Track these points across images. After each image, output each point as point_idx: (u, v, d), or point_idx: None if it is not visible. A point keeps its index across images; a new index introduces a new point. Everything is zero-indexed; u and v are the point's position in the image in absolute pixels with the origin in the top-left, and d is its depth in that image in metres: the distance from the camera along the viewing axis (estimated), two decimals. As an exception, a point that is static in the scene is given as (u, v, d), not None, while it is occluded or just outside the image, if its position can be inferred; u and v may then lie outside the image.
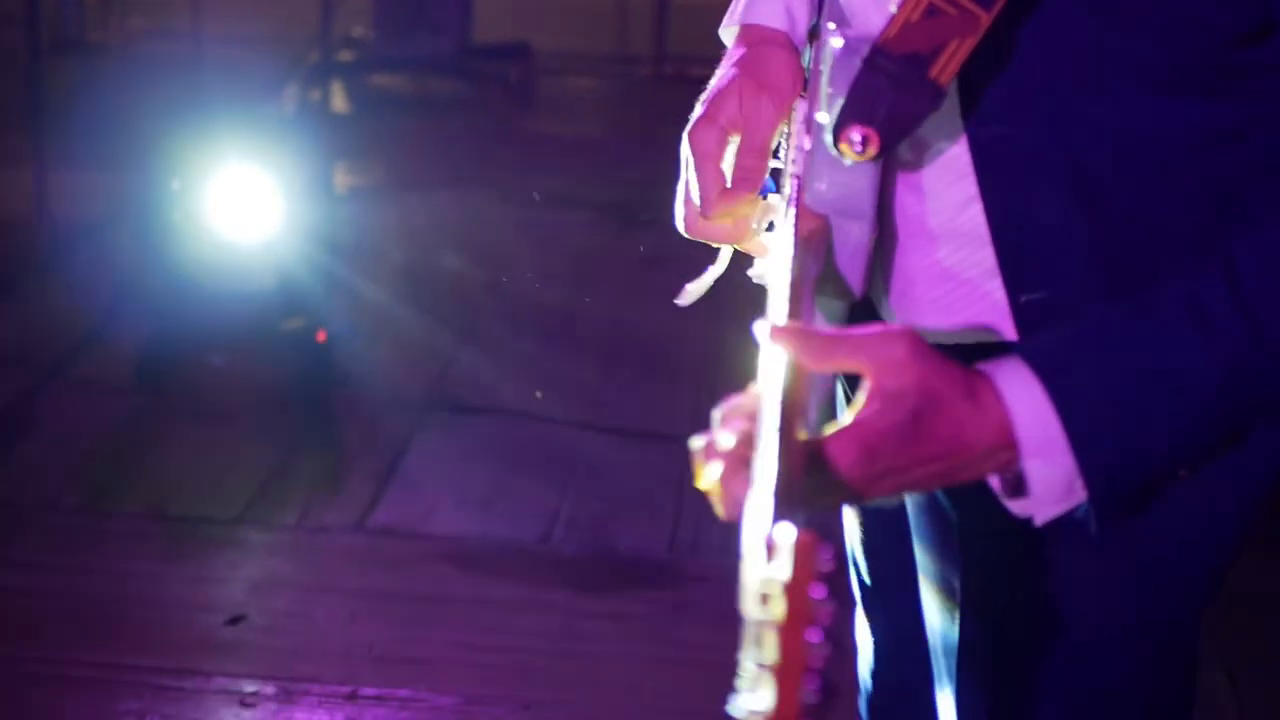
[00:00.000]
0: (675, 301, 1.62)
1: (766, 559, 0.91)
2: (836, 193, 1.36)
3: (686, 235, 1.55)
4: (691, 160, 1.49)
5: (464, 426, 4.12)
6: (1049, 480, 1.15)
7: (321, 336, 4.20)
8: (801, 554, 0.88)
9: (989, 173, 1.35)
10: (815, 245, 1.34)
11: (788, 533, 0.89)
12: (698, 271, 1.60)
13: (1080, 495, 1.16)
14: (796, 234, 1.30)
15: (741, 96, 1.49)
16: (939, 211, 1.39)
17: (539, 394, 4.20)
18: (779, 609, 0.87)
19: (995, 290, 1.37)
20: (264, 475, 3.81)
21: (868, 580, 1.70)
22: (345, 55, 7.22)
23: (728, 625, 3.29)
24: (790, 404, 1.05)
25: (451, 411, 4.19)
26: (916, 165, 1.39)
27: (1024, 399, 1.15)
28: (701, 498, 3.61)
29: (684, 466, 3.97)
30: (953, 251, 1.40)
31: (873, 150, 1.29)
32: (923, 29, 1.28)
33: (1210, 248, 1.21)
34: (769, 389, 1.09)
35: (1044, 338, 1.20)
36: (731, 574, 3.20)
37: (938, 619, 1.52)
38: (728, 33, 1.58)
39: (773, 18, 1.55)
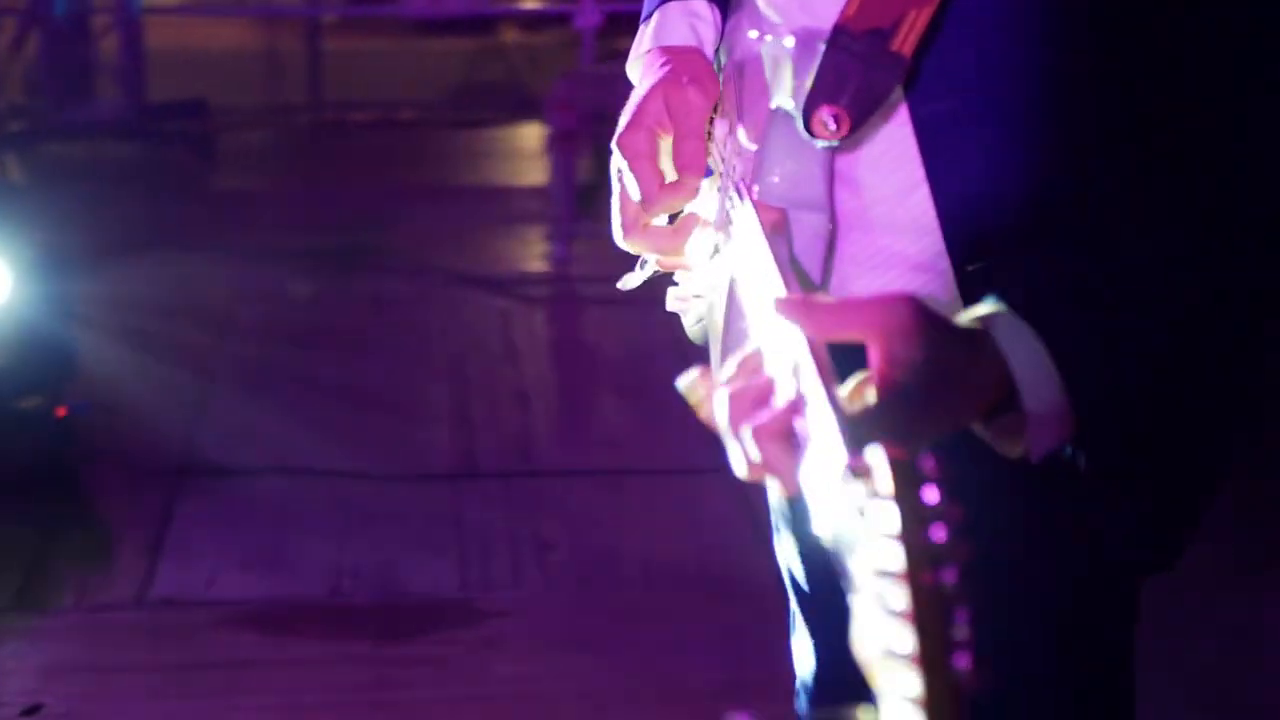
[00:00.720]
0: (617, 285, 1.64)
1: (860, 479, 0.91)
2: (789, 184, 1.38)
3: (623, 245, 1.55)
4: (625, 164, 1.50)
5: (224, 489, 4.01)
6: (1042, 414, 1.19)
7: (61, 412, 4.04)
8: (898, 464, 0.88)
9: (934, 152, 1.38)
10: (781, 233, 1.37)
11: (877, 452, 0.90)
12: (425, 309, 1.61)
13: (1069, 429, 1.21)
14: (762, 225, 1.32)
15: (666, 95, 1.51)
16: (879, 201, 1.41)
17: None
18: (889, 526, 0.86)
19: (937, 277, 1.40)
20: (28, 560, 3.65)
21: (806, 588, 1.71)
22: (15, 125, 6.97)
23: (538, 655, 3.31)
24: (823, 366, 1.07)
25: (208, 475, 4.07)
26: (854, 154, 1.41)
27: (1022, 352, 1.18)
28: (484, 532, 3.62)
29: (460, 503, 3.98)
30: (894, 240, 1.43)
31: (845, 128, 1.32)
32: (880, 3, 1.31)
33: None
34: (784, 351, 1.10)
35: (1026, 287, 1.23)
36: (529, 604, 3.22)
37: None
38: (635, 64, 1.60)
39: (682, 39, 1.58)
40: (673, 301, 1.67)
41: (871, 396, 1.10)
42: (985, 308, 1.20)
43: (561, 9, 8.11)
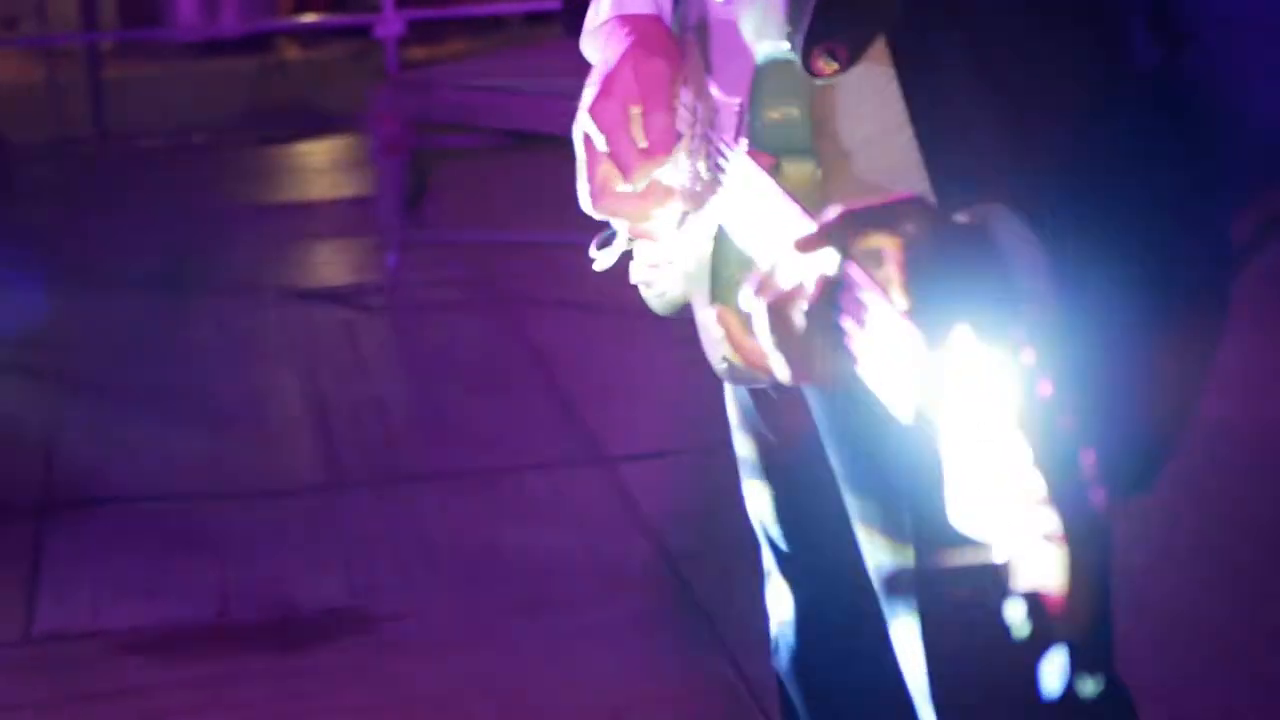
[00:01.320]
0: (593, 266, 1.69)
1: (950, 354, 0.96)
2: (778, 132, 1.42)
3: (594, 213, 1.60)
4: (598, 136, 1.54)
5: (93, 518, 3.95)
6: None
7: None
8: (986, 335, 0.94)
9: (917, 93, 1.40)
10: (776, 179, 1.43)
11: (964, 331, 0.96)
12: (266, 326, 1.65)
13: None
14: (763, 167, 1.37)
15: (635, 67, 1.55)
16: (863, 145, 1.44)
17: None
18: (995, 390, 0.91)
19: None
20: (-98, 609, 3.57)
21: (784, 546, 1.76)
22: None
23: (437, 655, 3.32)
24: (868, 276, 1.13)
25: (75, 506, 4.01)
26: (835, 100, 1.44)
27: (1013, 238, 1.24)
28: (365, 540, 3.63)
29: (336, 514, 3.97)
30: (879, 182, 1.44)
31: (843, 62, 1.37)
32: None
33: None
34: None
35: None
36: (422, 606, 3.24)
37: (886, 558, 1.58)
38: (593, 36, 1.64)
39: (642, 8, 1.62)
40: (638, 272, 1.71)
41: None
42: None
43: (358, 20, 8.09)
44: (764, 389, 1.64)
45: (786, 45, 1.39)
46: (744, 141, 1.43)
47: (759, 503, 1.76)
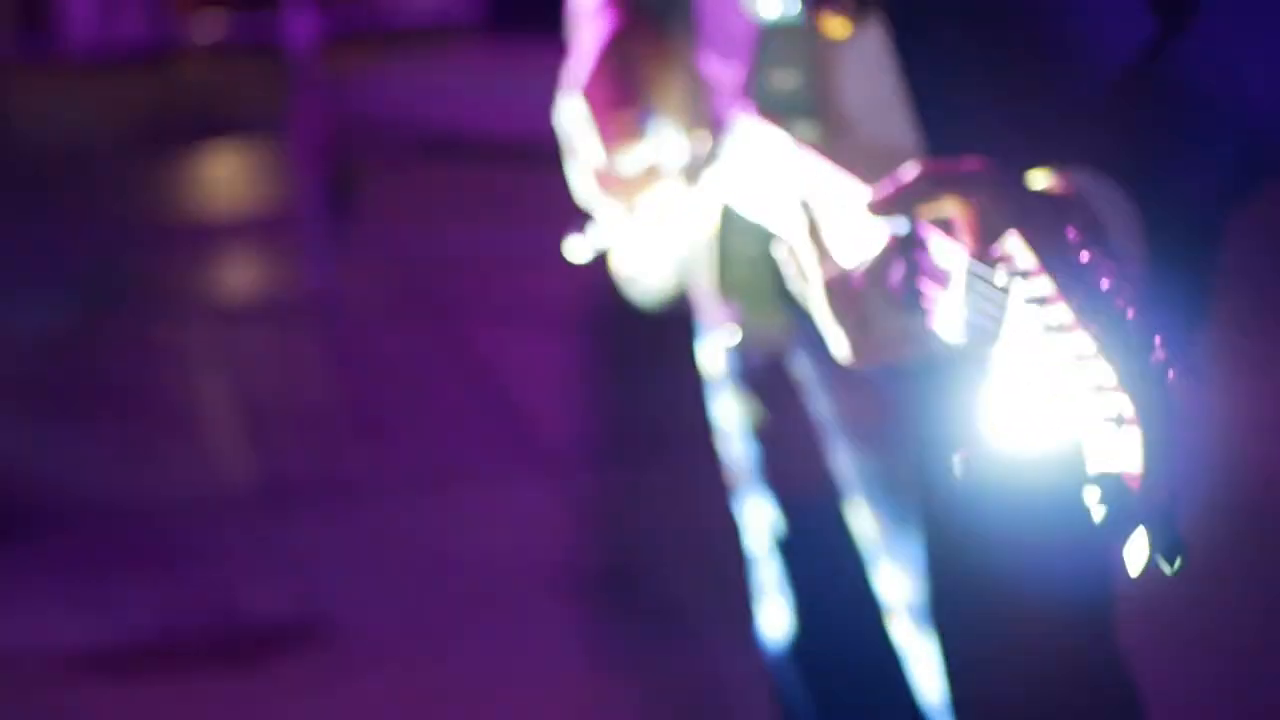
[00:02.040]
0: (572, 260, 1.69)
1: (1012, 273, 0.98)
2: (784, 95, 1.43)
3: (597, 194, 1.60)
4: (590, 114, 1.56)
5: (30, 535, 3.89)
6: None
7: None
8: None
9: (911, 52, 1.39)
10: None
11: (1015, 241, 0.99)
12: (199, 340, 1.65)
13: None
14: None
15: (622, 45, 1.58)
16: (865, 105, 1.43)
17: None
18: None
19: None
20: None
21: (787, 565, 1.74)
22: None
23: (387, 664, 3.30)
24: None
25: (10, 524, 3.94)
26: (837, 66, 1.43)
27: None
28: (308, 552, 3.59)
29: (277, 526, 3.93)
30: (885, 140, 1.44)
31: (850, 16, 1.38)
32: None
33: None
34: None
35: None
36: (369, 616, 3.22)
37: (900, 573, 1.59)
38: (578, 19, 1.66)
39: None
40: (625, 262, 1.71)
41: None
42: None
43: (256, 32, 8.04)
44: (777, 378, 1.63)
45: (796, 5, 1.39)
46: (749, 107, 1.43)
47: (762, 524, 1.75)
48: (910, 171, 1.15)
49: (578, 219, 1.70)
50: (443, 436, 4.33)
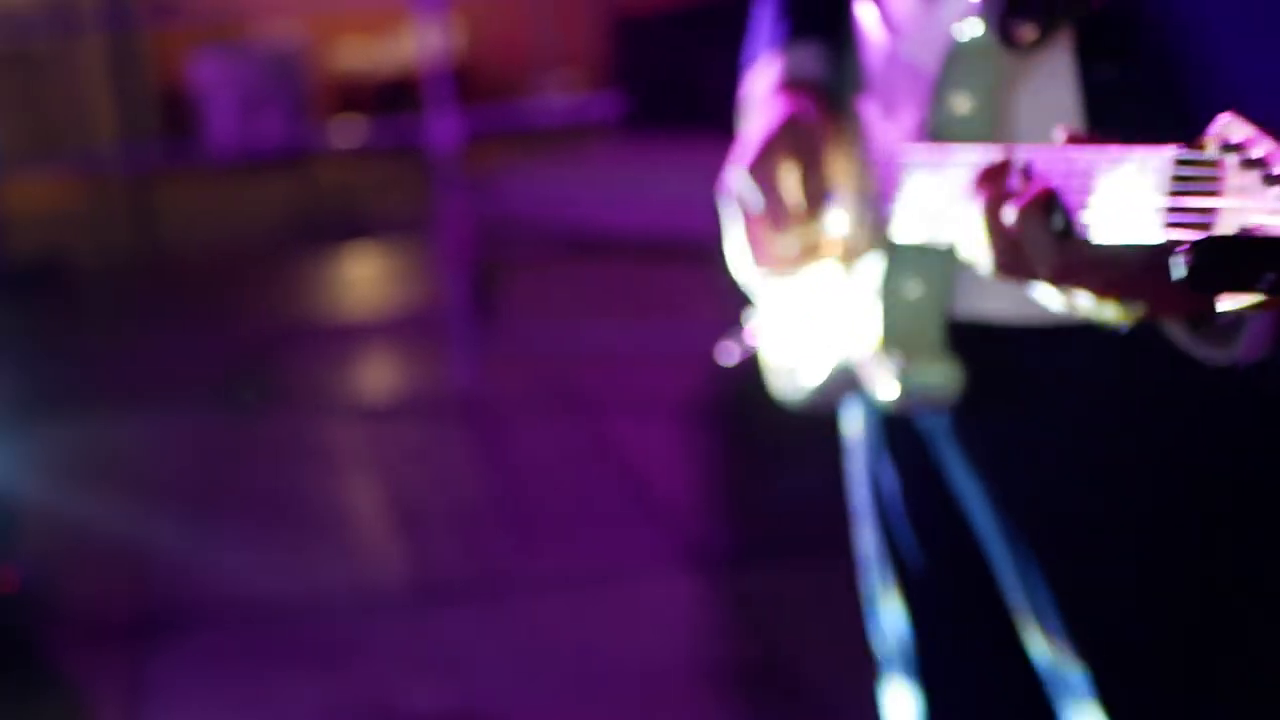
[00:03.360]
0: (718, 360, 1.70)
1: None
2: (958, 121, 1.46)
3: (757, 271, 1.62)
4: (755, 194, 1.58)
5: (188, 638, 3.96)
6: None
7: (10, 586, 3.93)
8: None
9: (1101, 122, 1.40)
10: None
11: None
12: (349, 441, 1.67)
13: None
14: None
15: (791, 129, 1.60)
16: (1044, 135, 1.39)
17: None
18: None
19: None
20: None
21: (923, 656, 1.72)
22: None
23: None
24: None
25: (169, 627, 4.02)
26: (1017, 102, 1.45)
27: None
28: (466, 651, 3.58)
29: (436, 624, 3.93)
30: None
31: (1040, 32, 1.40)
32: None
33: None
34: None
35: None
36: (528, 713, 3.19)
37: (1043, 661, 1.57)
38: (751, 105, 1.68)
39: (807, 73, 1.66)
40: (778, 356, 1.71)
41: None
42: None
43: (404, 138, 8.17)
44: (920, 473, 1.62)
45: (979, 25, 1.41)
46: (920, 145, 1.46)
47: (890, 618, 1.73)
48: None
49: (729, 319, 1.72)
50: (589, 532, 4.34)
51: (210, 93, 10.31)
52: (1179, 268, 0.99)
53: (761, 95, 1.67)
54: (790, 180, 1.58)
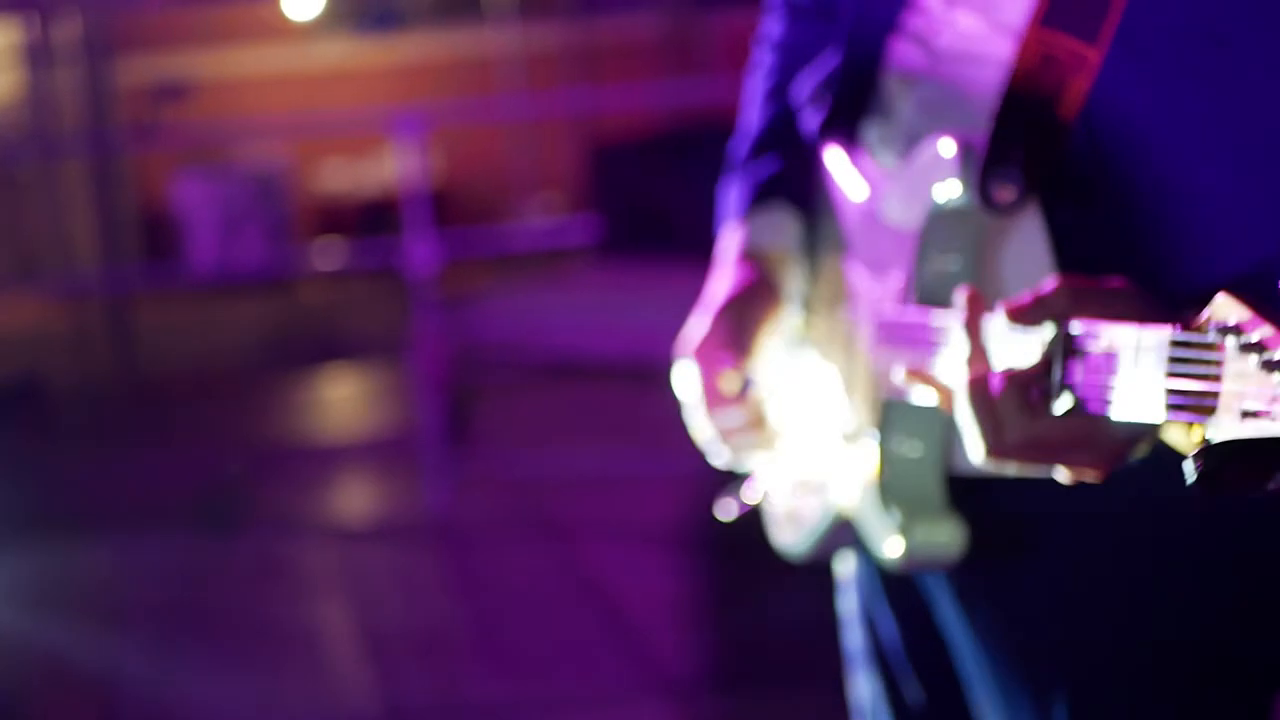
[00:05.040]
0: (717, 515, 1.72)
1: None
2: (941, 279, 1.48)
3: (717, 452, 1.66)
4: (695, 375, 1.64)
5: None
6: None
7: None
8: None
9: (1070, 264, 1.43)
10: None
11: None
12: (322, 565, 1.70)
13: None
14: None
15: (740, 309, 1.65)
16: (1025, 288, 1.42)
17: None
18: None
19: None
20: None
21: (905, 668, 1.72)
22: None
23: None
24: None
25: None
26: (996, 254, 1.48)
27: None
28: None
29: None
30: None
31: (1017, 191, 1.42)
32: (1043, 70, 1.42)
33: None
34: None
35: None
36: None
37: None
38: (718, 266, 1.71)
39: (772, 242, 1.69)
40: (781, 503, 1.72)
41: None
42: None
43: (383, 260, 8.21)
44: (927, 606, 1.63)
45: (958, 186, 1.44)
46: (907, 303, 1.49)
47: (880, 700, 1.73)
48: (1052, 282, 1.23)
49: (727, 482, 1.75)
50: (563, 660, 4.32)
51: (191, 214, 10.36)
52: (1191, 473, 1.00)
53: (724, 262, 1.72)
54: (724, 364, 1.63)
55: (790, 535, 1.72)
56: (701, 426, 1.67)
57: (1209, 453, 0.99)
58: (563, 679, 4.21)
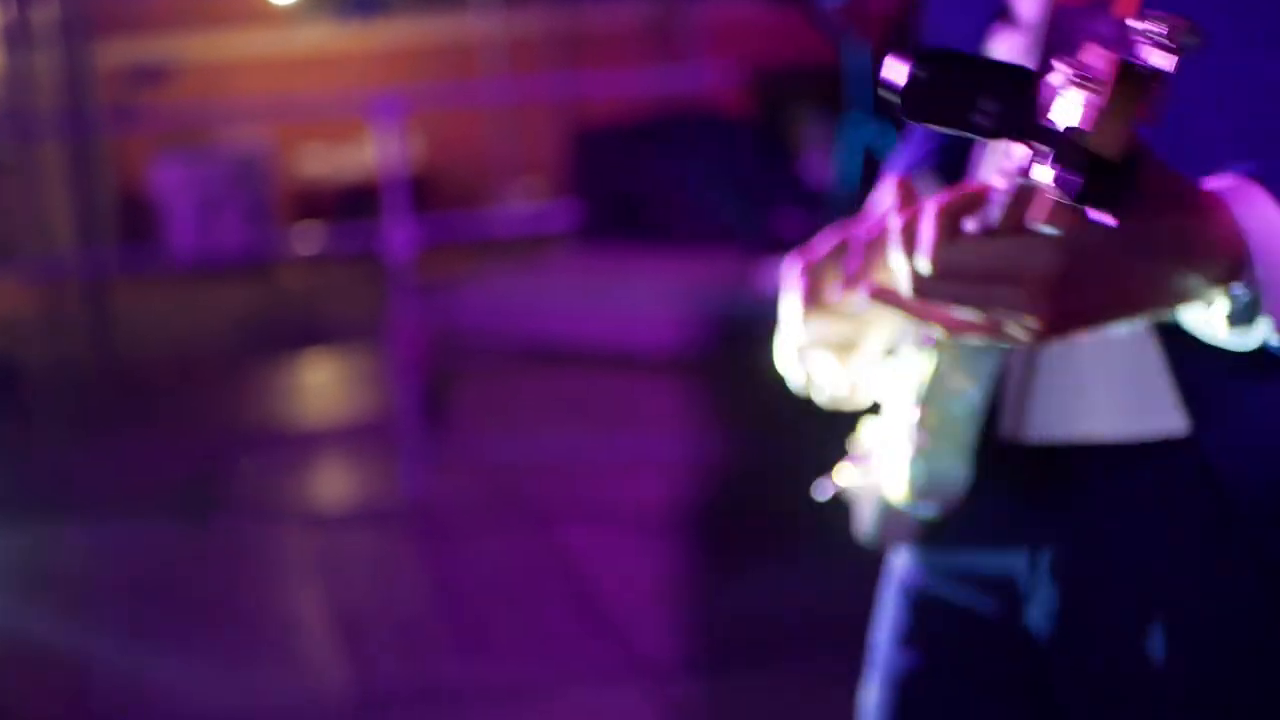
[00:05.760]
0: (814, 496, 1.66)
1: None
2: None
3: (797, 332, 1.57)
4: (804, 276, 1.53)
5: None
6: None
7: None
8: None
9: None
10: None
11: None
12: (300, 551, 1.63)
13: None
14: None
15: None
16: None
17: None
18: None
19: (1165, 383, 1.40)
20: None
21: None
22: None
23: None
24: None
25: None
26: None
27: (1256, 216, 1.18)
28: None
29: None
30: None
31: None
32: None
33: None
34: None
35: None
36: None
37: None
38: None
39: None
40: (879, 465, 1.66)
41: None
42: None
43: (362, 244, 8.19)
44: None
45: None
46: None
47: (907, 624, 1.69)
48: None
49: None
50: (540, 644, 4.31)
51: (170, 198, 10.34)
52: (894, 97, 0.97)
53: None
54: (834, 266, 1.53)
55: (865, 516, 1.67)
56: (795, 335, 1.55)
57: (920, 56, 0.97)
58: (540, 663, 4.20)
